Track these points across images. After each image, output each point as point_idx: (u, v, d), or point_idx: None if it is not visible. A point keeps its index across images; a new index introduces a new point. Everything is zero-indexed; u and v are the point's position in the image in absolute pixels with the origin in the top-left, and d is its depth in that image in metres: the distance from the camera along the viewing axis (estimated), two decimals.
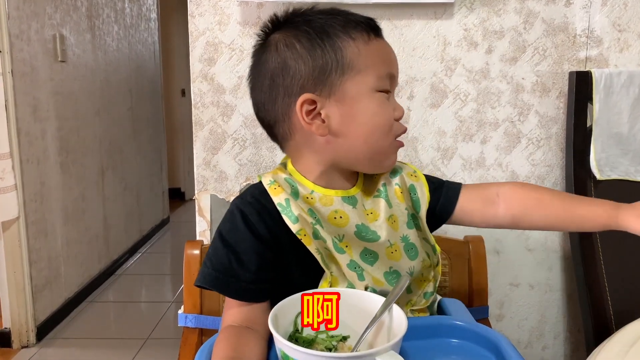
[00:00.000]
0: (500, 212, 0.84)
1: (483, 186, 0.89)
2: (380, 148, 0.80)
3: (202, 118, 1.35)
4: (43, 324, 2.43)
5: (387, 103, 0.79)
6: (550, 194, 0.84)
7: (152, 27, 4.04)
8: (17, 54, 2.23)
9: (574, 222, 0.80)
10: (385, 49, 0.81)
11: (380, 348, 0.58)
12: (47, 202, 2.49)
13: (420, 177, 0.88)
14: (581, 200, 0.83)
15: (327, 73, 0.76)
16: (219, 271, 0.78)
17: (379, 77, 0.77)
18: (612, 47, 1.34)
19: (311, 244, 0.77)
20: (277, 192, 0.79)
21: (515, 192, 0.85)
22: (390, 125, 0.79)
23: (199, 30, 1.32)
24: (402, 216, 0.84)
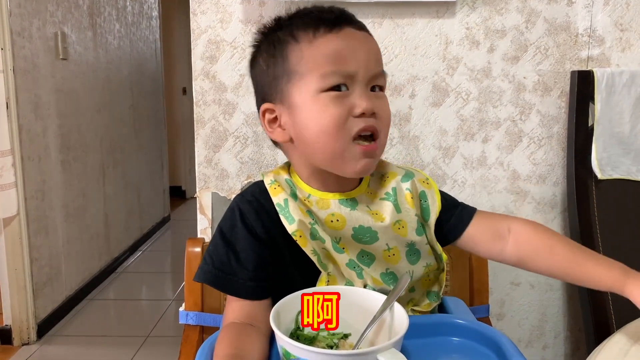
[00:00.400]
0: (507, 250, 0.81)
1: (496, 218, 0.85)
2: (333, 152, 0.75)
3: (204, 116, 1.35)
4: (44, 321, 2.43)
5: (334, 102, 0.74)
6: (562, 244, 0.79)
7: (154, 25, 4.04)
8: (18, 52, 2.23)
9: (579, 279, 0.77)
10: (334, 43, 0.75)
11: (381, 346, 0.58)
12: (48, 199, 2.49)
13: (432, 185, 0.86)
14: (591, 257, 0.77)
15: (278, 82, 0.79)
16: (218, 269, 0.79)
17: (323, 76, 0.74)
18: (614, 47, 1.34)
19: (307, 245, 0.77)
20: (277, 192, 0.80)
21: (527, 232, 0.81)
22: (338, 125, 0.74)
23: (200, 28, 1.32)
24: (411, 222, 0.82)
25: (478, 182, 1.39)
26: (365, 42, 0.78)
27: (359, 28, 0.79)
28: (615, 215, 1.34)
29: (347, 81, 0.75)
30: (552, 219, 1.41)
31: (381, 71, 0.78)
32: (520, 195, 1.40)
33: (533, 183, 1.39)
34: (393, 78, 1.34)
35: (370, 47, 0.78)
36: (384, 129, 0.77)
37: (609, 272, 0.73)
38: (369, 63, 0.75)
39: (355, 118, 0.74)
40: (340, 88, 0.74)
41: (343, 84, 0.74)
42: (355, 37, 0.77)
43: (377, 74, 0.77)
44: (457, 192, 1.39)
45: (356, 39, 0.77)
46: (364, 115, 0.74)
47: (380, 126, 0.76)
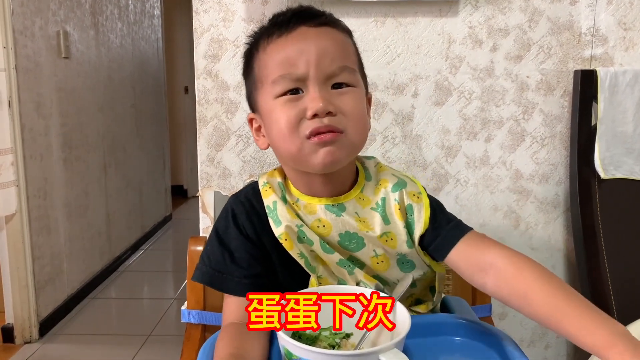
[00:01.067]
0: (488, 287, 0.73)
1: (480, 249, 0.75)
2: (291, 153, 0.75)
3: (206, 115, 1.35)
4: (46, 319, 2.44)
5: (287, 106, 0.73)
6: (541, 292, 0.68)
7: (156, 24, 4.04)
8: (20, 50, 2.24)
9: (559, 332, 0.66)
10: (281, 47, 0.75)
11: (383, 346, 0.58)
12: (50, 198, 2.49)
13: (423, 200, 0.80)
14: (575, 312, 0.65)
15: (252, 91, 0.81)
16: (214, 269, 0.80)
17: (273, 82, 0.74)
18: (618, 46, 1.34)
19: (293, 248, 0.78)
20: (268, 194, 0.81)
21: (506, 273, 0.71)
22: (291, 128, 0.73)
23: (203, 26, 1.32)
24: (400, 235, 0.79)
25: (481, 182, 1.39)
26: (320, 39, 0.74)
27: (317, 25, 0.76)
28: (618, 215, 1.33)
29: (298, 84, 0.73)
30: (555, 218, 1.40)
31: (340, 67, 0.74)
32: (523, 194, 1.39)
33: (536, 182, 1.39)
34: (396, 77, 1.34)
35: (324, 44, 0.74)
36: (350, 123, 0.74)
37: (592, 337, 0.62)
38: (321, 62, 0.73)
39: (309, 120, 0.72)
40: (296, 91, 0.74)
41: (295, 88, 0.73)
42: (306, 37, 0.74)
43: (334, 71, 0.74)
44: (460, 192, 1.39)
45: (307, 39, 0.74)
46: (317, 117, 0.71)
47: (344, 122, 0.73)
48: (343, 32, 0.79)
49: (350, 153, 0.77)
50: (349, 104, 0.74)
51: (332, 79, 0.74)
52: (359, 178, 0.83)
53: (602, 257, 1.31)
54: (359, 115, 0.75)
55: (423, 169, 1.38)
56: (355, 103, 0.75)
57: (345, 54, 0.76)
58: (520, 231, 1.41)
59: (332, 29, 0.77)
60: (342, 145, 0.73)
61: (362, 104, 0.77)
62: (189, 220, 4.38)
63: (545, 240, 1.42)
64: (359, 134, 0.76)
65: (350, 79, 0.76)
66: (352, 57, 0.78)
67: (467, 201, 1.39)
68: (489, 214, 1.40)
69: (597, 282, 1.30)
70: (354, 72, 0.76)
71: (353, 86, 0.76)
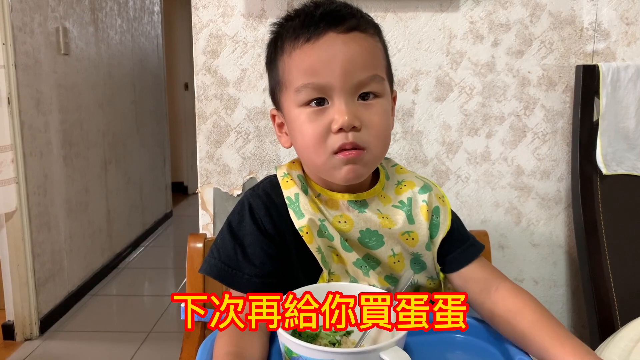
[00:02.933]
0: (485, 307, 0.77)
1: (491, 273, 0.81)
2: (316, 165, 0.76)
3: (206, 111, 1.35)
4: (46, 316, 2.44)
5: (311, 118, 0.72)
6: (534, 318, 0.71)
7: (155, 21, 4.03)
8: (20, 47, 2.23)
9: (531, 348, 0.70)
10: (307, 55, 0.73)
11: (384, 344, 0.58)
12: (50, 195, 2.49)
13: (447, 203, 0.84)
14: (555, 333, 0.69)
15: (276, 89, 0.80)
16: (224, 262, 0.78)
17: (297, 90, 0.73)
18: (620, 41, 1.33)
19: (312, 242, 0.76)
20: (289, 185, 0.80)
21: (509, 300, 0.75)
22: (318, 142, 0.72)
23: (202, 22, 1.31)
24: (423, 236, 0.80)
25: (482, 178, 1.38)
26: (348, 47, 0.72)
27: (346, 30, 0.72)
28: (620, 211, 1.33)
29: (324, 94, 0.72)
30: (556, 214, 1.40)
31: (369, 77, 0.72)
32: (525, 190, 1.39)
33: (537, 178, 1.38)
34: (396, 72, 1.33)
35: (353, 52, 0.72)
36: (373, 140, 0.73)
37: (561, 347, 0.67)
38: (348, 71, 0.71)
39: (335, 135, 0.71)
40: (321, 101, 0.72)
41: (320, 97, 0.72)
42: (334, 45, 0.72)
43: (362, 81, 0.72)
44: (461, 188, 1.38)
45: (334, 47, 0.71)
46: (342, 131, 0.71)
47: (367, 138, 0.72)
48: (373, 36, 0.76)
49: (372, 167, 0.78)
50: (374, 119, 0.73)
51: (360, 89, 0.73)
52: (380, 177, 0.83)
53: (604, 254, 1.30)
54: (382, 130, 0.75)
55: (424, 165, 1.37)
56: (380, 118, 0.74)
57: (375, 61, 0.75)
58: (521, 227, 1.41)
59: (361, 34, 0.74)
60: (365, 163, 0.74)
61: (387, 117, 0.76)
62: (189, 217, 4.38)
63: (546, 236, 1.41)
64: (381, 149, 0.77)
65: (377, 88, 0.74)
66: (380, 63, 0.76)
67: (468, 197, 1.39)
68: (490, 210, 1.40)
69: (598, 279, 1.29)
70: (382, 81, 0.75)
71: (380, 97, 0.75)
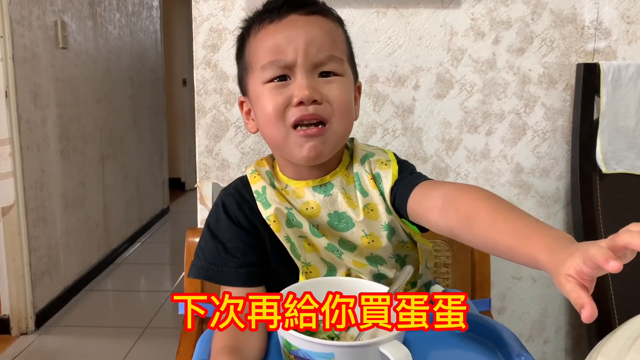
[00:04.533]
0: (436, 217, 0.70)
1: (435, 187, 0.73)
2: (276, 140, 0.77)
3: (205, 105, 1.34)
4: (42, 311, 2.43)
5: (274, 92, 0.75)
6: (490, 210, 0.63)
7: (154, 15, 4.01)
8: (17, 40, 2.21)
9: (499, 252, 0.61)
10: (271, 34, 0.76)
11: (383, 337, 0.57)
12: (47, 189, 2.48)
13: (392, 166, 0.81)
14: (517, 225, 0.59)
15: (242, 75, 0.83)
16: (209, 262, 0.81)
17: (262, 68, 0.76)
18: (621, 40, 1.33)
19: (280, 230, 0.78)
20: (256, 180, 0.82)
21: (453, 197, 0.68)
22: (277, 114, 0.75)
23: (202, 16, 1.30)
24: (379, 204, 0.80)
25: (481, 175, 1.38)
26: (309, 27, 0.76)
27: (307, 13, 0.77)
28: (619, 210, 1.33)
29: (286, 71, 0.75)
30: (555, 212, 1.40)
31: (327, 56, 0.75)
32: (524, 188, 1.38)
33: (537, 176, 1.38)
34: (397, 69, 1.32)
35: (314, 32, 0.75)
36: (336, 114, 0.75)
37: (530, 248, 0.55)
38: (309, 50, 0.74)
39: (295, 107, 0.74)
40: (284, 78, 0.75)
41: (283, 75, 0.75)
42: (296, 24, 0.76)
43: (322, 59, 0.75)
44: None
45: (297, 26, 0.76)
46: (302, 104, 0.73)
47: (329, 111, 0.75)
48: (333, 21, 0.80)
49: (335, 146, 0.78)
50: (335, 93, 0.75)
51: (319, 68, 0.75)
52: (343, 157, 0.84)
53: None
54: (344, 105, 0.77)
55: (423, 162, 1.37)
56: (341, 92, 0.76)
57: (334, 43, 0.77)
58: None
59: (322, 18, 0.78)
60: (327, 140, 0.76)
61: (348, 93, 0.78)
62: (186, 213, 4.37)
63: None
64: (344, 124, 0.78)
65: (337, 68, 0.77)
66: (340, 46, 0.79)
67: None
68: None
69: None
70: (341, 62, 0.78)
71: (340, 75, 0.77)
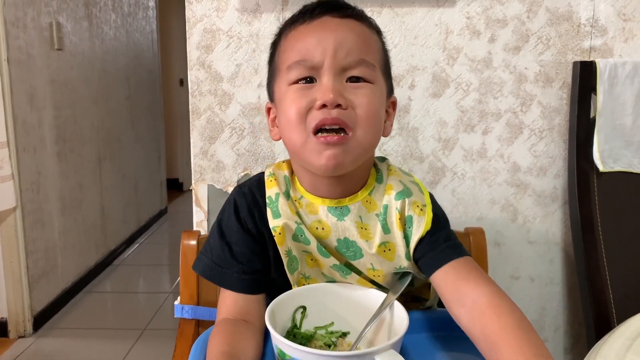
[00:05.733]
0: (462, 320, 0.68)
1: (467, 279, 0.70)
2: (295, 145, 0.72)
3: (200, 106, 1.33)
4: (40, 314, 2.42)
5: (298, 94, 0.71)
6: (515, 346, 0.61)
7: (150, 16, 4.00)
8: (12, 42, 2.20)
9: None
10: (301, 34, 0.73)
11: (380, 347, 0.57)
12: (43, 191, 2.47)
13: (426, 213, 0.75)
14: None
15: (271, 80, 0.79)
16: (215, 262, 0.78)
17: (289, 68, 0.72)
18: (617, 37, 1.32)
19: (283, 244, 0.76)
20: (272, 184, 0.79)
21: (484, 316, 0.66)
22: (299, 117, 0.70)
23: (196, 16, 1.29)
24: (399, 246, 0.75)
25: (478, 175, 1.37)
26: (340, 29, 0.71)
27: (342, 16, 0.73)
28: (616, 208, 1.32)
29: (313, 73, 0.71)
30: (553, 212, 1.39)
31: (357, 60, 0.71)
32: (521, 187, 1.38)
33: (534, 175, 1.37)
34: (393, 68, 1.30)
35: (345, 34, 0.71)
36: (360, 122, 0.70)
37: None
38: (338, 52, 0.70)
39: (317, 110, 0.69)
40: (311, 80, 0.71)
41: (309, 76, 0.71)
42: (328, 26, 0.72)
43: (351, 63, 0.70)
44: (457, 185, 1.37)
45: (328, 28, 0.71)
46: (325, 107, 0.68)
47: (353, 118, 0.69)
48: (369, 27, 0.76)
49: (357, 157, 0.72)
50: (362, 100, 0.70)
51: (348, 72, 0.71)
52: (369, 180, 0.79)
53: (600, 251, 1.30)
54: (371, 113, 0.71)
55: (420, 162, 1.36)
56: (369, 100, 0.71)
57: (367, 48, 0.73)
58: (517, 224, 1.40)
59: (356, 22, 0.74)
60: (348, 149, 0.69)
61: (377, 102, 0.73)
62: (184, 214, 4.36)
63: (542, 233, 1.40)
64: (369, 135, 0.71)
65: (368, 74, 0.72)
66: (374, 53, 0.74)
67: (464, 194, 1.38)
68: (486, 208, 1.39)
69: (594, 276, 1.29)
70: (373, 68, 0.72)
71: (371, 83, 0.72)
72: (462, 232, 1.17)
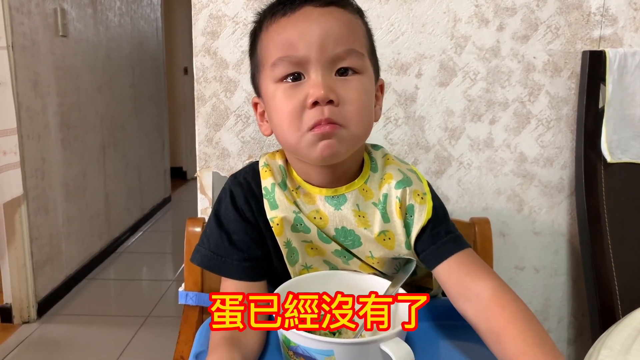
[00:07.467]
0: (467, 314, 0.70)
1: (470, 274, 0.71)
2: (291, 144, 0.72)
3: (205, 93, 1.32)
4: (44, 300, 2.43)
5: (287, 94, 0.69)
6: (519, 337, 0.63)
7: (155, 3, 3.98)
8: (17, 28, 2.20)
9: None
10: (282, 28, 0.70)
11: (385, 334, 0.56)
12: (48, 178, 2.47)
13: (427, 202, 0.75)
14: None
15: (255, 73, 0.78)
16: (213, 252, 0.78)
17: (273, 65, 0.70)
18: (627, 27, 1.30)
19: (282, 235, 0.75)
20: (267, 175, 0.78)
21: (488, 310, 0.67)
22: (294, 117, 0.69)
23: (202, 2, 1.28)
24: (399, 235, 0.75)
25: (484, 165, 1.36)
26: (324, 20, 0.69)
27: (323, 4, 0.70)
28: (623, 200, 1.31)
29: (299, 69, 0.69)
30: (559, 202, 1.38)
31: (347, 50, 0.69)
32: (527, 178, 1.37)
33: (540, 166, 1.36)
34: (399, 56, 1.30)
35: (329, 24, 0.69)
36: (351, 116, 0.69)
37: None
38: (324, 44, 0.68)
39: (310, 110, 0.68)
40: (298, 77, 0.69)
41: (296, 72, 0.69)
42: (310, 17, 0.69)
43: (339, 54, 0.69)
44: (463, 175, 1.36)
45: (311, 19, 0.69)
46: (317, 105, 0.67)
47: (344, 114, 0.68)
48: (352, 13, 0.74)
49: (351, 147, 0.72)
50: (353, 94, 0.69)
51: (337, 64, 0.69)
52: (364, 168, 0.79)
53: (607, 242, 1.29)
54: (362, 107, 0.71)
55: (426, 151, 1.36)
56: (359, 93, 0.70)
57: (353, 36, 0.71)
58: (523, 215, 1.39)
59: (339, 9, 0.72)
60: (342, 139, 0.69)
61: (367, 93, 0.72)
62: (188, 202, 4.37)
63: (548, 224, 1.40)
64: (361, 127, 0.71)
65: (357, 63, 0.71)
66: (360, 39, 0.73)
67: (470, 184, 1.37)
68: (492, 198, 1.38)
69: (600, 267, 1.28)
70: (361, 57, 0.71)
71: (360, 73, 0.71)
72: (468, 222, 1.17)
